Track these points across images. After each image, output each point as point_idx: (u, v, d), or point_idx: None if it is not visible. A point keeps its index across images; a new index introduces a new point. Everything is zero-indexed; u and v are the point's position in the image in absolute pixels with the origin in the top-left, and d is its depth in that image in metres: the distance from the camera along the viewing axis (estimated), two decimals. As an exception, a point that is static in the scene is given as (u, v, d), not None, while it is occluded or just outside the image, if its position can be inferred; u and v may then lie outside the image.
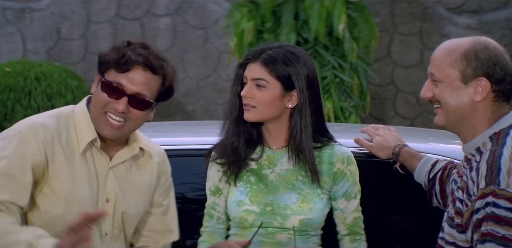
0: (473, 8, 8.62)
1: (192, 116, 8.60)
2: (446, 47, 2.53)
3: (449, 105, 2.51)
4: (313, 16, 6.85)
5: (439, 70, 2.51)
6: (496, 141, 2.48)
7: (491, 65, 2.49)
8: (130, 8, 8.70)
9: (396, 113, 8.50)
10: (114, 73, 2.56)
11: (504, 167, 2.40)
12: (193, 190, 3.23)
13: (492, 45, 2.52)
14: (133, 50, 2.57)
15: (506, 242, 2.36)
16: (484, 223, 2.39)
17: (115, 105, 2.56)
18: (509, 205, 2.37)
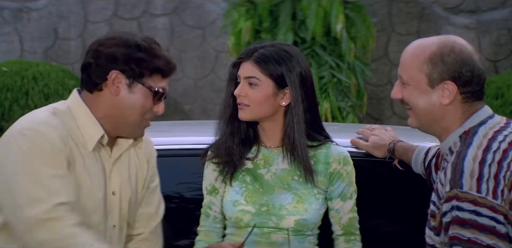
0: (470, 8, 8.63)
1: (190, 115, 8.60)
2: (413, 50, 2.52)
3: (418, 108, 2.51)
4: (310, 16, 6.85)
5: (406, 73, 2.51)
6: (464, 141, 2.47)
7: (457, 68, 2.48)
8: (128, 7, 8.70)
9: (393, 113, 8.50)
10: (159, 78, 2.53)
11: (467, 169, 2.38)
12: (190, 190, 3.23)
13: (459, 47, 2.50)
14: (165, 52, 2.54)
15: (472, 245, 2.35)
16: (451, 227, 2.39)
17: (155, 109, 2.54)
18: (472, 208, 2.36)
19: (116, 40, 2.51)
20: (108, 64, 2.50)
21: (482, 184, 2.37)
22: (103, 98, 2.53)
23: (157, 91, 2.53)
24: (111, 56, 2.50)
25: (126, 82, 2.51)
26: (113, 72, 2.50)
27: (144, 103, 2.52)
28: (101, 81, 2.52)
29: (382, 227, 3.15)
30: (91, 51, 2.53)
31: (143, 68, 2.51)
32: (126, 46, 2.50)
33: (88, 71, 2.53)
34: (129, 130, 2.55)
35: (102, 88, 2.52)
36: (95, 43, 2.54)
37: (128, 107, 2.52)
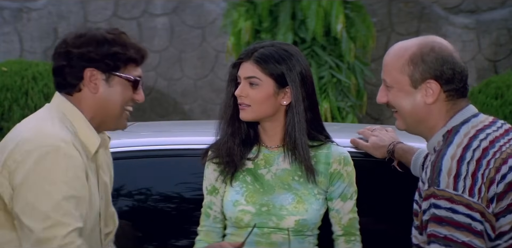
0: (470, 8, 8.63)
1: (190, 115, 8.60)
2: (394, 53, 2.55)
3: (404, 110, 2.52)
4: (310, 16, 6.86)
5: (389, 76, 2.53)
6: (446, 139, 2.48)
7: (438, 66, 2.49)
8: (127, 7, 8.70)
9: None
10: (134, 67, 2.54)
11: (445, 167, 2.40)
12: (190, 190, 3.23)
13: (438, 46, 2.52)
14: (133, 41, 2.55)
15: (448, 242, 2.37)
16: (429, 224, 2.40)
17: (136, 97, 2.55)
18: (449, 205, 2.37)
19: (84, 38, 2.51)
20: (82, 63, 2.49)
21: (459, 182, 2.38)
22: (84, 98, 2.52)
23: (135, 80, 2.53)
24: (83, 55, 2.49)
25: (102, 77, 2.51)
26: (88, 70, 2.50)
27: (124, 94, 2.53)
28: (77, 81, 2.50)
29: (380, 227, 3.15)
30: (61, 54, 2.51)
31: (117, 61, 2.51)
32: (95, 42, 2.50)
33: (62, 74, 2.51)
34: (113, 123, 2.56)
35: (81, 88, 2.51)
36: (63, 45, 2.52)
37: (110, 101, 2.52)
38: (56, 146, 2.40)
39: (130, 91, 2.54)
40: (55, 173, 2.39)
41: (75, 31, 2.54)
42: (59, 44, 2.54)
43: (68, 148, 2.41)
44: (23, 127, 2.50)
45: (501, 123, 2.54)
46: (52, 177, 2.39)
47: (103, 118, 2.54)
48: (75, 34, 2.53)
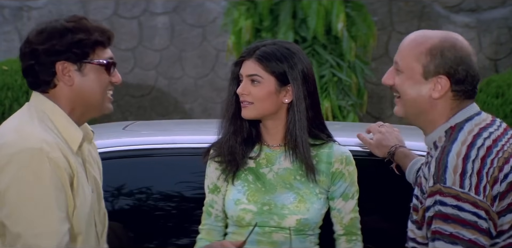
0: (470, 6, 8.62)
1: (190, 114, 8.60)
2: (415, 38, 2.51)
3: (407, 97, 2.50)
4: (311, 15, 6.85)
5: (403, 60, 2.51)
6: (449, 136, 2.47)
7: (454, 65, 2.48)
8: (128, 6, 8.69)
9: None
10: (102, 50, 2.50)
11: (451, 164, 2.39)
12: (191, 189, 3.23)
13: (460, 45, 2.50)
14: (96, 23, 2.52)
15: (454, 239, 2.37)
16: (434, 221, 2.40)
17: (113, 80, 2.53)
18: (455, 203, 2.37)
19: (45, 33, 2.47)
20: (50, 59, 2.46)
21: (465, 179, 2.38)
22: (61, 92, 2.49)
23: (108, 63, 2.51)
24: (49, 50, 2.47)
25: (74, 68, 2.49)
26: (58, 64, 2.47)
27: (100, 80, 2.51)
28: (51, 77, 2.48)
29: (384, 224, 3.15)
30: (26, 54, 2.49)
31: (84, 48, 2.48)
32: (59, 35, 2.47)
33: (33, 73, 2.49)
34: (97, 110, 2.54)
35: (56, 84, 2.49)
36: (26, 44, 2.50)
37: (88, 90, 2.50)
38: (38, 148, 2.38)
39: (105, 75, 2.51)
40: (39, 176, 2.37)
41: (35, 28, 2.50)
42: (23, 44, 2.51)
43: (51, 150, 2.39)
44: (5, 129, 2.47)
45: (499, 122, 2.54)
46: (36, 181, 2.37)
47: (85, 107, 2.51)
48: (36, 31, 2.49)
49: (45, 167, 2.37)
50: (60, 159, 2.41)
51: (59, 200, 2.39)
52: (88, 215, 2.49)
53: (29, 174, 2.37)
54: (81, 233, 2.47)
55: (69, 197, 2.43)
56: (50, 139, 2.42)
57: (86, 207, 2.48)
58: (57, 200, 2.39)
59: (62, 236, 2.38)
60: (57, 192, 2.39)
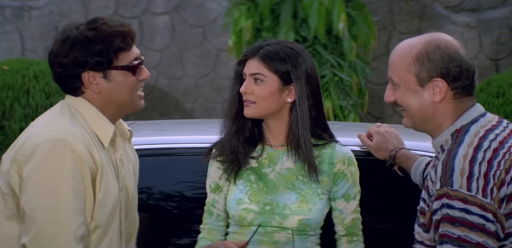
0: (471, 6, 8.62)
1: (191, 114, 8.60)
2: (400, 51, 2.54)
3: (411, 108, 2.52)
4: (312, 15, 6.85)
5: (396, 75, 2.53)
6: (455, 139, 2.48)
7: (444, 64, 2.48)
8: (129, 6, 8.70)
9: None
10: (126, 53, 2.56)
11: (458, 167, 2.39)
12: (192, 189, 3.23)
13: (444, 44, 2.50)
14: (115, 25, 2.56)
15: (462, 242, 2.37)
16: (441, 225, 2.40)
17: (141, 77, 2.59)
18: (462, 206, 2.37)
19: (67, 43, 2.54)
20: (76, 70, 2.54)
21: (472, 182, 2.38)
22: (90, 98, 2.58)
23: (133, 66, 2.57)
24: (74, 63, 2.54)
25: (100, 75, 2.56)
26: (84, 74, 2.55)
27: (128, 82, 2.57)
28: (78, 85, 2.56)
29: (387, 225, 3.15)
30: (54, 64, 2.57)
31: (106, 56, 2.54)
32: (80, 46, 2.53)
33: (62, 81, 2.58)
34: (129, 108, 2.61)
35: (83, 91, 2.57)
36: (52, 56, 2.57)
37: (117, 93, 2.57)
38: (63, 140, 2.46)
39: (131, 77, 2.57)
40: (60, 167, 2.45)
41: (58, 37, 2.56)
42: (49, 54, 2.59)
43: (75, 142, 2.47)
44: (36, 122, 2.58)
45: (506, 123, 2.53)
46: (58, 171, 2.45)
47: (117, 107, 2.59)
48: (60, 41, 2.55)
49: (67, 158, 2.46)
50: (83, 152, 2.48)
51: (77, 192, 2.47)
52: (111, 210, 2.55)
53: (51, 163, 2.45)
54: (101, 226, 2.53)
55: (89, 190, 2.50)
56: (77, 132, 2.50)
57: (109, 202, 2.54)
58: (75, 191, 2.46)
59: (77, 227, 2.45)
60: (76, 184, 2.47)
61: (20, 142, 2.53)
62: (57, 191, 2.45)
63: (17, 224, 2.51)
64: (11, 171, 2.50)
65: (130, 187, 2.65)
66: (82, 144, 2.49)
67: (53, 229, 2.44)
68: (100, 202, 2.52)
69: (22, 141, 2.52)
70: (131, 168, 2.68)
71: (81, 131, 2.52)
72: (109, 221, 2.55)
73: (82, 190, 2.48)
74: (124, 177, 2.63)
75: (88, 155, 2.49)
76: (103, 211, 2.53)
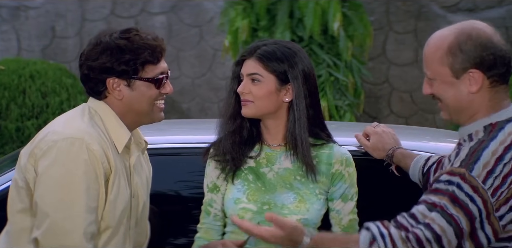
0: (468, 6, 8.63)
1: (187, 114, 8.60)
2: (433, 44, 2.51)
3: (448, 100, 2.50)
4: (308, 14, 6.86)
5: (430, 68, 2.51)
6: (488, 132, 2.46)
7: (478, 54, 2.45)
8: (125, 6, 8.69)
9: (391, 112, 8.51)
10: (153, 67, 2.63)
11: (484, 159, 2.39)
12: (189, 188, 3.23)
13: (476, 32, 2.47)
14: (147, 38, 2.62)
15: (451, 219, 2.38)
16: (440, 196, 2.39)
17: (164, 91, 2.66)
18: (471, 193, 2.37)
19: (98, 48, 2.61)
20: (102, 75, 2.61)
21: (490, 178, 2.37)
22: (111, 103, 2.65)
23: (156, 79, 2.63)
24: (101, 67, 2.61)
25: (124, 83, 2.63)
26: (109, 80, 2.62)
27: (149, 94, 2.65)
28: (102, 89, 2.64)
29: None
30: (83, 65, 2.65)
31: (133, 66, 2.61)
32: (110, 53, 2.60)
33: (88, 83, 2.66)
34: (147, 118, 2.68)
35: (106, 95, 2.65)
36: (82, 58, 2.65)
37: (136, 103, 2.64)
38: (80, 138, 2.53)
39: (154, 89, 2.65)
40: (75, 164, 2.51)
41: (91, 40, 2.65)
42: (80, 56, 2.67)
43: (91, 142, 2.54)
44: (56, 120, 2.65)
45: None
46: (73, 168, 2.51)
47: (136, 116, 2.66)
48: (91, 45, 2.63)
49: (83, 156, 2.52)
50: (99, 152, 2.55)
51: (91, 190, 2.52)
52: (121, 214, 2.60)
53: (67, 160, 2.51)
54: (110, 227, 2.58)
55: (102, 190, 2.55)
56: (94, 133, 2.57)
57: (119, 205, 2.59)
58: (88, 189, 2.52)
59: (88, 224, 2.50)
60: (90, 182, 2.52)
61: (39, 137, 2.58)
62: (71, 187, 2.49)
63: (30, 218, 2.55)
64: (27, 165, 2.55)
65: (142, 195, 2.71)
66: (98, 145, 2.55)
67: (65, 225, 2.48)
68: (111, 204, 2.57)
69: (41, 136, 2.58)
70: (144, 177, 2.74)
71: (98, 133, 2.58)
72: (118, 224, 2.59)
73: (95, 188, 2.53)
74: (137, 184, 2.69)
75: (103, 156, 2.55)
76: (113, 213, 2.58)
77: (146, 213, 2.76)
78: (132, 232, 2.66)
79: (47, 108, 6.95)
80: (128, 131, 2.64)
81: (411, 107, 8.47)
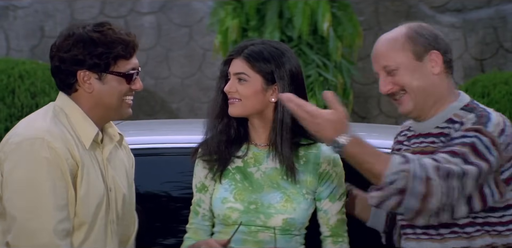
0: (456, 6, 8.65)
1: (177, 114, 8.59)
2: (386, 39, 2.66)
3: (415, 87, 2.59)
4: (297, 14, 6.87)
5: (390, 59, 2.61)
6: (473, 109, 2.58)
7: (434, 38, 2.62)
8: (114, 6, 8.68)
9: (380, 112, 8.52)
10: (125, 62, 2.62)
11: (495, 119, 2.51)
12: (178, 189, 3.23)
13: (424, 24, 2.66)
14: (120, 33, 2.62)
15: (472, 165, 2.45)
16: (460, 146, 2.48)
17: (133, 87, 2.65)
18: (489, 145, 2.47)
19: (70, 40, 2.60)
20: (73, 67, 2.60)
21: (502, 136, 2.50)
22: (81, 96, 2.63)
23: (128, 74, 2.63)
24: (72, 59, 2.60)
25: (95, 76, 2.62)
26: (80, 72, 2.61)
27: (119, 88, 2.64)
28: (73, 81, 2.62)
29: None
30: (54, 57, 2.63)
31: (105, 60, 2.60)
32: (82, 44, 2.59)
33: (59, 75, 2.64)
34: (115, 114, 2.67)
35: (77, 89, 2.63)
36: (53, 49, 2.64)
37: (106, 97, 2.63)
38: (41, 138, 2.52)
39: (125, 85, 2.64)
40: (39, 164, 2.51)
41: (63, 32, 2.64)
42: (51, 47, 2.66)
43: (53, 140, 2.53)
44: (20, 122, 2.64)
45: None
46: (37, 168, 2.51)
47: (104, 111, 2.64)
48: (63, 36, 2.62)
49: (44, 155, 2.52)
50: (62, 149, 2.54)
51: (57, 188, 2.52)
52: (96, 209, 2.59)
53: (29, 161, 2.52)
54: (86, 223, 2.57)
55: (70, 186, 2.55)
56: (56, 131, 2.57)
57: (92, 200, 2.58)
58: (54, 187, 2.52)
59: (58, 221, 2.50)
60: (56, 180, 2.52)
61: (3, 142, 2.59)
62: (36, 188, 2.50)
63: (2, 221, 2.55)
64: None
65: (121, 187, 2.69)
66: (61, 142, 2.54)
67: (32, 225, 2.48)
68: (82, 199, 2.56)
69: (5, 140, 2.59)
70: (123, 170, 2.72)
71: (62, 130, 2.57)
72: (93, 219, 2.58)
73: (62, 186, 2.53)
74: (114, 178, 2.67)
75: (67, 153, 2.54)
76: (87, 209, 2.57)
77: (130, 206, 2.74)
78: (114, 226, 2.65)
79: (36, 108, 6.94)
80: (95, 126, 2.63)
81: (400, 107, 8.48)
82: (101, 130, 2.66)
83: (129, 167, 2.76)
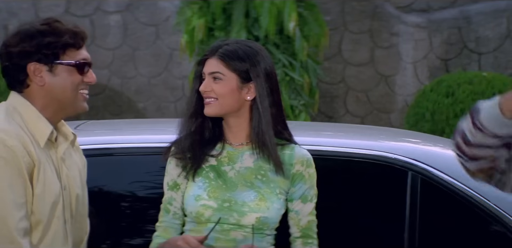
0: (421, 7, 8.72)
1: (144, 114, 8.57)
2: None
3: None
4: (263, 14, 6.88)
5: None
6: None
7: None
8: (80, 4, 8.63)
9: (347, 111, 8.56)
10: (74, 51, 2.61)
11: None
12: (145, 188, 3.22)
13: None
14: (69, 25, 2.62)
15: None
16: None
17: (86, 79, 2.63)
18: None
19: (19, 35, 2.60)
20: (23, 60, 2.59)
21: None
22: (34, 92, 2.62)
23: (79, 64, 2.61)
24: (21, 52, 2.59)
25: (45, 68, 2.60)
26: (30, 65, 2.59)
27: (71, 79, 2.62)
28: (23, 77, 2.61)
29: (341, 226, 3.18)
30: (2, 55, 2.63)
31: (54, 49, 2.59)
32: (30, 37, 2.59)
33: (8, 74, 2.63)
34: (70, 108, 2.65)
35: (29, 84, 2.61)
36: (3, 47, 2.63)
37: (59, 89, 2.61)
38: None
39: (77, 75, 2.62)
40: None
41: (13, 30, 2.64)
42: (0, 46, 2.64)
43: (8, 138, 2.52)
44: None
45: None
46: None
47: (58, 105, 2.62)
48: (12, 33, 2.62)
49: (1, 154, 2.50)
50: (18, 148, 2.52)
51: (14, 186, 2.51)
52: (51, 207, 2.57)
53: None
54: (42, 222, 2.55)
55: (27, 184, 2.54)
56: (11, 129, 2.55)
57: (48, 197, 2.57)
58: (12, 185, 2.50)
59: (18, 220, 2.49)
60: (13, 178, 2.51)
61: None
62: None
63: None
64: None
65: (74, 187, 2.67)
66: (16, 140, 2.53)
67: None
68: (38, 197, 2.55)
69: None
70: (76, 170, 2.71)
71: (16, 129, 2.56)
72: (50, 218, 2.57)
73: (20, 183, 2.52)
74: (68, 176, 2.66)
75: (23, 151, 2.53)
76: (43, 206, 2.56)
77: (83, 208, 2.72)
78: (69, 226, 2.63)
79: None
80: (49, 124, 2.61)
81: (367, 107, 8.54)
82: (55, 129, 2.65)
83: (81, 168, 2.75)
